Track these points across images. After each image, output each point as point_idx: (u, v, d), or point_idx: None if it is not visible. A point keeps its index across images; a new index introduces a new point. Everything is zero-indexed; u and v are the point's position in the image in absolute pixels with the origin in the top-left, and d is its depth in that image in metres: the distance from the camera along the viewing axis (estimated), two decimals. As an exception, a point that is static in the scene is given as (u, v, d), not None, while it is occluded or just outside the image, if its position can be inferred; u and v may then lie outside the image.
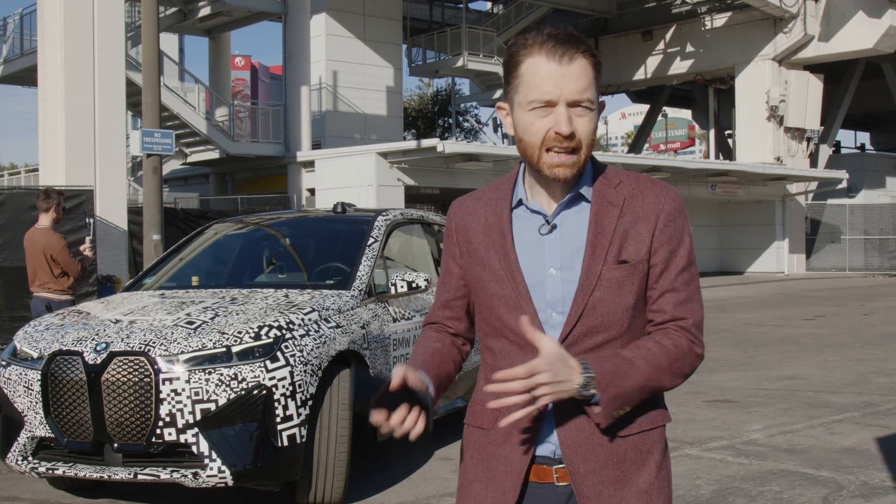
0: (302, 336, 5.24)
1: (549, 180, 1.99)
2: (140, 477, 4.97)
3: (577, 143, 1.94)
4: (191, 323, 5.24)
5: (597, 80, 1.95)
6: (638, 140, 47.66)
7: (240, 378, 4.96)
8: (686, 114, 59.25)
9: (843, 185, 35.55)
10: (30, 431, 5.21)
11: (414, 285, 6.27)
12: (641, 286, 2.01)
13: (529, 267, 2.01)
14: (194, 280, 6.69)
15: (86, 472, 5.07)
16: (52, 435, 5.13)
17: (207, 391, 4.92)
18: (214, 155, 27.38)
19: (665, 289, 2.01)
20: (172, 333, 5.11)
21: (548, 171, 1.96)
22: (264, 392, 4.98)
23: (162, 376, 4.93)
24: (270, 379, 5.00)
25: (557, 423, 1.98)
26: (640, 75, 38.19)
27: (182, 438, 4.93)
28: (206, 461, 4.91)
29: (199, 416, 4.91)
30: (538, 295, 1.99)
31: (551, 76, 1.91)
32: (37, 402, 5.16)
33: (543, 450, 2.01)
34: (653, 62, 37.61)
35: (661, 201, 2.02)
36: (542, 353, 1.86)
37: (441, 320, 2.22)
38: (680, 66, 36.95)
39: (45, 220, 8.33)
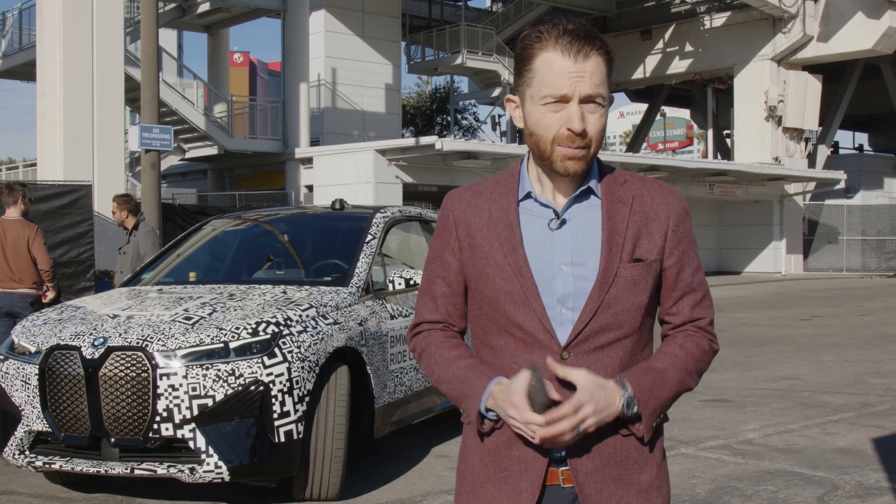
0: (299, 332, 5.24)
1: (558, 174, 1.98)
2: (137, 472, 4.98)
3: (587, 141, 1.93)
4: (188, 318, 5.25)
5: (609, 77, 1.95)
6: (636, 139, 47.69)
7: (237, 374, 4.97)
8: (684, 113, 59.28)
9: (841, 185, 35.60)
10: (27, 425, 5.22)
11: (412, 282, 6.28)
12: (654, 285, 2.03)
13: (538, 262, 1.98)
14: (192, 276, 6.69)
15: (83, 466, 5.07)
16: (50, 429, 5.14)
17: (205, 387, 4.93)
18: (213, 151, 27.36)
19: (684, 290, 2.06)
20: (170, 329, 5.12)
21: (560, 165, 1.95)
22: (261, 388, 4.98)
23: (159, 371, 4.94)
24: (268, 375, 5.01)
25: None
26: (638, 74, 38.20)
27: (179, 434, 4.93)
28: (203, 456, 4.92)
29: (196, 412, 4.92)
30: (547, 291, 1.97)
31: (566, 72, 1.89)
32: (34, 397, 5.17)
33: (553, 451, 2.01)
34: (651, 61, 37.62)
35: (670, 202, 2.04)
36: (579, 386, 1.89)
37: (446, 319, 2.14)
38: (679, 66, 36.97)
39: (14, 212, 8.21)
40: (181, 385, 4.92)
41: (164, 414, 4.92)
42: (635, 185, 2.05)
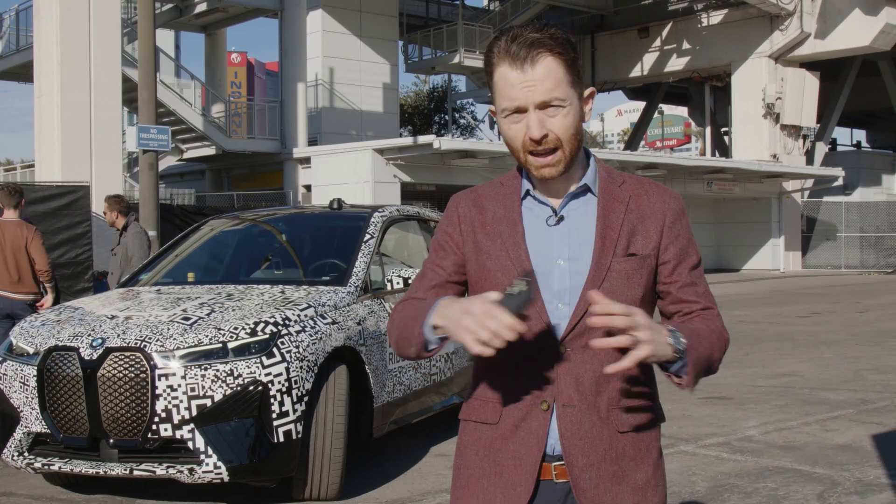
0: (298, 332, 5.24)
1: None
2: (136, 473, 4.97)
3: (554, 143, 1.95)
4: (187, 319, 5.24)
5: (570, 74, 1.94)
6: (634, 137, 47.69)
7: (236, 374, 4.96)
8: (682, 111, 59.28)
9: (839, 182, 35.59)
10: (26, 427, 5.21)
11: (410, 281, 6.27)
12: (649, 280, 2.04)
13: (537, 257, 2.01)
14: (190, 276, 6.68)
15: (82, 467, 5.07)
16: (48, 431, 5.13)
17: (203, 387, 4.92)
18: (210, 151, 27.35)
19: (684, 282, 2.06)
20: (168, 329, 5.11)
21: (535, 173, 1.99)
22: (260, 388, 4.98)
23: (158, 372, 4.93)
24: (266, 375, 5.00)
25: (559, 416, 1.98)
26: (636, 72, 38.19)
27: (178, 434, 4.93)
28: (202, 457, 4.91)
29: (195, 412, 4.91)
30: (545, 286, 1.99)
31: (517, 83, 1.92)
32: (33, 398, 5.16)
33: (546, 446, 2.01)
34: (649, 59, 37.62)
35: (666, 201, 2.07)
36: (629, 309, 1.83)
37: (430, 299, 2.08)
38: (676, 64, 36.97)
39: (13, 214, 8.24)
40: (180, 385, 4.92)
41: (163, 414, 4.92)
42: (633, 185, 2.08)
